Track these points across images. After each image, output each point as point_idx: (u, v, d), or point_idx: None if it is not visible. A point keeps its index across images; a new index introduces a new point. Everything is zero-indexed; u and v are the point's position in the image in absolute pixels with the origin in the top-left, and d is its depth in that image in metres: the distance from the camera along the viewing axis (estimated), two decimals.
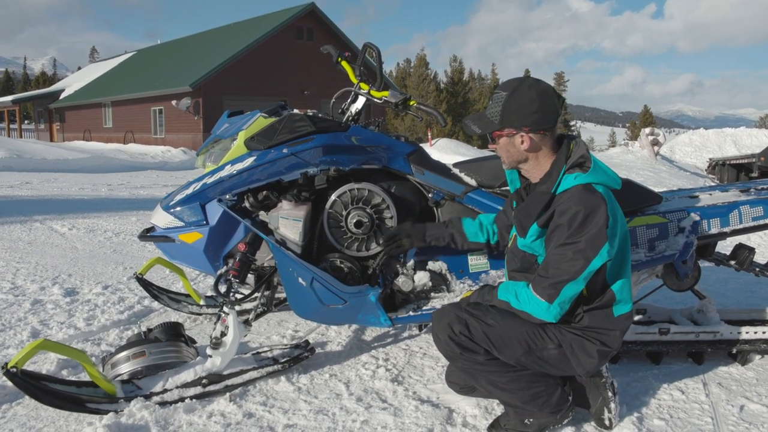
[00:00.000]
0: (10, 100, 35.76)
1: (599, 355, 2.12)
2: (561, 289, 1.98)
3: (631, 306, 2.18)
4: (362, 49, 2.95)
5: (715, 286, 4.35)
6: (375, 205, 2.70)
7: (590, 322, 2.11)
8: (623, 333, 2.17)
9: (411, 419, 2.38)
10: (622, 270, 2.14)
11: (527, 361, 2.12)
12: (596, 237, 1.95)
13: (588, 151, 2.10)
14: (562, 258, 1.97)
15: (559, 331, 2.11)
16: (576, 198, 1.97)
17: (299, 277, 2.58)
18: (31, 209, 7.56)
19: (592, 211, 1.95)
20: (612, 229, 1.98)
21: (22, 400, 2.45)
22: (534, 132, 2.05)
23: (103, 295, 3.89)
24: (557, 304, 2.00)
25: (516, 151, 2.10)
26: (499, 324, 2.09)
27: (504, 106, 2.06)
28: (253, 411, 2.43)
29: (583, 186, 2.00)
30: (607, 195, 2.02)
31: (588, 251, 1.95)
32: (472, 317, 2.10)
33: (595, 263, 1.97)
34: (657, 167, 16.17)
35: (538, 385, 2.17)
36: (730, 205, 2.83)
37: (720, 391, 2.66)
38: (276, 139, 2.59)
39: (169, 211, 2.72)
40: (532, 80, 2.09)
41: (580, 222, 1.95)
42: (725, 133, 24.68)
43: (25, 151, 16.63)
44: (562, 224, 1.97)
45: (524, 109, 2.03)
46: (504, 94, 2.06)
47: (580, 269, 1.96)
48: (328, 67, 21.59)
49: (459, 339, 2.09)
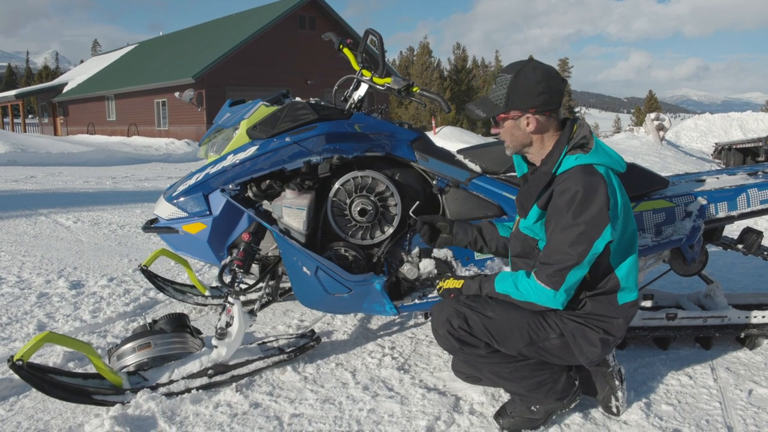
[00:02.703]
0: (13, 95, 35.76)
1: (602, 344, 2.09)
2: (566, 275, 1.94)
3: (637, 294, 2.14)
4: (364, 36, 2.92)
5: (722, 270, 4.32)
6: (379, 192, 2.68)
7: (593, 309, 2.08)
8: (627, 322, 2.13)
9: (418, 407, 2.37)
10: (628, 256, 2.10)
11: (529, 351, 2.10)
12: (597, 218, 1.91)
13: (591, 132, 2.08)
14: (564, 242, 1.93)
15: (561, 320, 2.08)
16: (575, 178, 1.94)
17: (304, 267, 2.57)
18: (36, 203, 7.58)
19: (591, 191, 1.91)
20: (613, 210, 1.95)
21: (29, 393, 2.45)
22: (540, 113, 2.02)
23: (108, 288, 3.90)
24: (563, 291, 1.97)
25: (521, 133, 2.07)
26: (500, 316, 2.06)
27: (510, 88, 2.03)
28: (260, 401, 2.43)
29: (583, 166, 1.97)
30: (609, 176, 1.98)
31: (590, 233, 1.91)
32: (471, 311, 2.08)
33: (598, 245, 1.93)
34: (663, 152, 16.06)
35: (542, 373, 2.16)
36: (737, 189, 2.80)
37: (728, 375, 2.65)
38: (278, 127, 2.57)
39: (172, 202, 2.71)
40: (536, 62, 2.07)
41: (579, 202, 1.91)
42: (731, 117, 24.46)
43: (30, 145, 16.65)
44: (561, 206, 1.94)
45: (530, 90, 2.00)
46: (509, 77, 2.03)
47: (584, 252, 1.92)
48: (330, 56, 21.43)
49: (458, 334, 2.08)
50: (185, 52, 28.63)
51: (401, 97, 2.82)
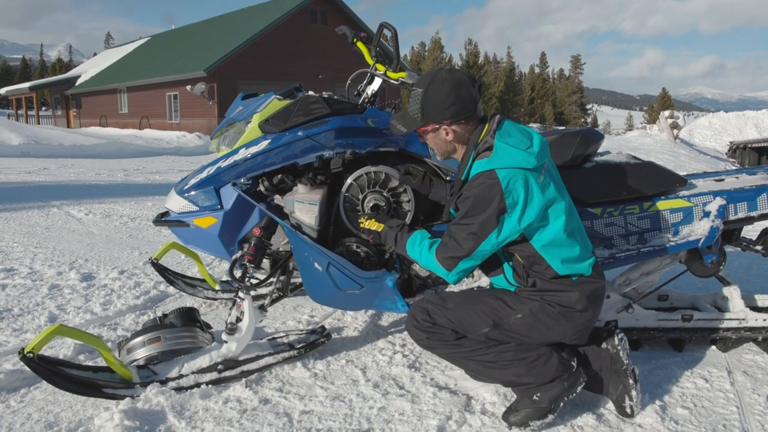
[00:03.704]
0: (27, 87, 35.98)
1: (564, 318, 2.13)
2: (457, 263, 2.11)
3: (590, 271, 2.16)
4: (378, 29, 2.88)
5: (738, 271, 4.26)
6: (392, 188, 2.65)
7: (542, 285, 2.15)
8: (585, 294, 2.14)
9: (429, 406, 2.34)
10: (553, 237, 2.09)
11: (498, 335, 2.16)
12: (485, 223, 2.03)
13: (500, 130, 2.12)
14: (458, 235, 2.08)
15: (518, 299, 2.17)
16: (472, 184, 2.07)
17: (315, 262, 2.54)
18: (48, 195, 7.61)
19: (482, 198, 2.02)
20: (514, 209, 2.02)
21: (39, 385, 2.45)
22: (455, 123, 2.15)
23: (119, 280, 3.90)
24: (455, 273, 2.14)
25: (443, 142, 2.20)
26: (458, 305, 2.20)
27: (422, 102, 2.14)
28: (269, 397, 2.41)
29: (484, 173, 2.05)
30: (511, 178, 2.02)
31: (479, 234, 2.05)
32: (432, 305, 2.22)
33: (484, 245, 2.06)
34: (676, 151, 15.92)
35: (528, 354, 2.18)
36: (758, 189, 2.75)
37: (745, 379, 2.60)
38: (291, 121, 2.54)
39: (183, 195, 2.70)
40: (445, 72, 2.16)
41: (470, 207, 2.05)
42: (746, 116, 24.21)
43: (43, 137, 16.76)
44: (461, 207, 2.10)
45: (441, 103, 2.11)
46: (420, 91, 2.15)
47: (472, 248, 2.07)
48: (342, 50, 21.42)
49: (422, 326, 2.21)
50: (197, 46, 28.70)
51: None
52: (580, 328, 2.18)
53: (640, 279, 2.83)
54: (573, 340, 2.21)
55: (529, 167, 2.05)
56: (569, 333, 2.17)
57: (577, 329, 2.17)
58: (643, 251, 2.68)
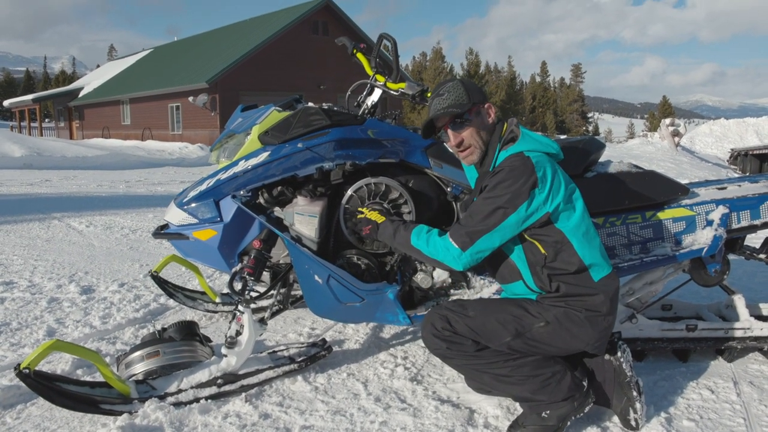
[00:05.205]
0: (30, 99, 36.15)
1: (589, 323, 2.09)
2: (476, 240, 2.04)
3: (611, 269, 2.17)
4: (378, 40, 2.87)
5: (742, 279, 4.23)
6: (392, 199, 2.63)
7: (568, 290, 2.10)
8: (609, 296, 2.12)
9: (431, 420, 2.31)
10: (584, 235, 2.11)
11: (520, 345, 2.10)
12: (516, 193, 2.00)
13: (518, 125, 2.19)
14: (483, 208, 2.04)
15: (542, 307, 2.11)
16: (502, 165, 2.09)
17: (315, 275, 2.52)
18: (49, 207, 7.62)
19: (515, 169, 2.03)
20: (545, 186, 2.02)
21: (36, 401, 2.42)
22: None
23: (119, 293, 3.88)
24: (469, 254, 2.05)
25: (483, 126, 2.20)
26: (480, 313, 2.11)
27: (464, 88, 2.19)
28: (270, 411, 2.39)
29: (512, 155, 2.09)
30: (539, 159, 2.07)
31: (507, 205, 2.01)
32: (452, 312, 2.13)
33: (510, 220, 2.02)
34: (678, 158, 15.89)
35: (544, 371, 2.13)
36: (760, 197, 2.73)
37: (752, 390, 2.56)
38: (291, 133, 2.53)
39: (183, 208, 2.68)
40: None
41: (501, 179, 2.03)
42: (747, 122, 24.18)
43: (45, 149, 16.81)
44: (490, 182, 2.07)
45: (475, 87, 2.22)
46: (454, 83, 2.22)
47: (497, 222, 2.02)
48: (343, 61, 21.46)
49: (443, 335, 2.11)
50: (199, 57, 28.83)
51: (415, 103, 2.78)
52: (602, 334, 2.15)
53: (643, 289, 2.80)
54: (594, 348, 2.17)
55: (553, 152, 2.14)
56: (593, 339, 2.13)
57: (600, 335, 2.14)
58: (646, 261, 2.65)
